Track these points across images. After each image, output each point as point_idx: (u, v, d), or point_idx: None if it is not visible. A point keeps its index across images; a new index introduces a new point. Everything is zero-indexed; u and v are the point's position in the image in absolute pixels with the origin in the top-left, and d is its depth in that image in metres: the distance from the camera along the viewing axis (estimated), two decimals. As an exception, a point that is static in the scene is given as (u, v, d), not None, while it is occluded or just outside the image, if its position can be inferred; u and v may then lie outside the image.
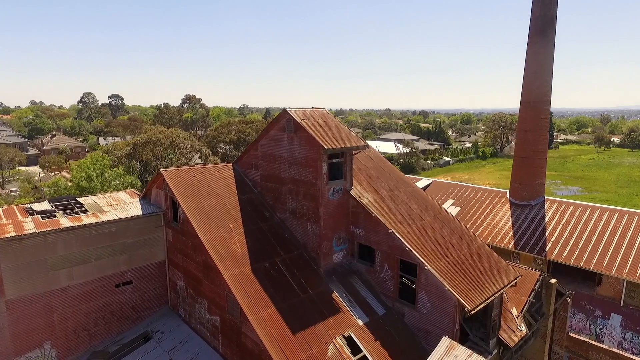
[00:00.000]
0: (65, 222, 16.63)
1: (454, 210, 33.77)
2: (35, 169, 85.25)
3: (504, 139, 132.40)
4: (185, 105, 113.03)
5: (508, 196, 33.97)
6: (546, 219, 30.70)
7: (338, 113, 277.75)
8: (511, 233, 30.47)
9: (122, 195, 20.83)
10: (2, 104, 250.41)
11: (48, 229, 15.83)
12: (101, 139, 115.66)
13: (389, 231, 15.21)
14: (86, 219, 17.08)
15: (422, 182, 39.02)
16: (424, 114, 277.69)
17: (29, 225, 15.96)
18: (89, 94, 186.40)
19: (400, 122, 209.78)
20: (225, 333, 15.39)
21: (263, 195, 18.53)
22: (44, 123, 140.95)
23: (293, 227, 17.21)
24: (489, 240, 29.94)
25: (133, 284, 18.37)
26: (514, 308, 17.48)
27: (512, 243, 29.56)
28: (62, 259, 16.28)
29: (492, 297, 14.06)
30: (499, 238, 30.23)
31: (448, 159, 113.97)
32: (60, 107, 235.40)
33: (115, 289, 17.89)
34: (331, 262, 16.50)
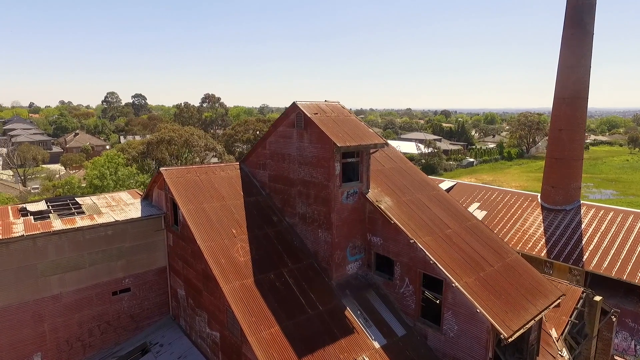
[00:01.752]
0: (57, 224, 15.40)
1: (480, 215, 31.49)
2: (57, 166, 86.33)
3: (531, 140, 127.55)
4: (205, 105, 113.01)
5: (539, 200, 31.49)
6: (583, 226, 28.14)
7: (358, 113, 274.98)
8: (543, 240, 28.03)
9: (123, 195, 19.58)
10: (33, 103, 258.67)
11: (38, 232, 14.62)
12: (122, 138, 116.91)
13: (411, 241, 13.36)
14: (80, 221, 15.81)
15: (445, 184, 36.81)
16: (445, 113, 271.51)
17: (18, 228, 14.78)
18: (112, 93, 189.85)
19: (422, 121, 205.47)
20: (225, 351, 13.85)
21: (271, 198, 16.91)
22: (68, 122, 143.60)
23: (303, 234, 15.53)
24: (518, 248, 27.61)
25: (131, 292, 17.05)
26: (554, 329, 15.36)
27: (544, 251, 27.15)
28: (53, 264, 15.05)
29: (532, 321, 12.05)
30: (529, 245, 27.85)
31: (471, 159, 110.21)
32: (87, 106, 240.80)
33: (112, 296, 16.59)
34: (344, 273, 14.74)
